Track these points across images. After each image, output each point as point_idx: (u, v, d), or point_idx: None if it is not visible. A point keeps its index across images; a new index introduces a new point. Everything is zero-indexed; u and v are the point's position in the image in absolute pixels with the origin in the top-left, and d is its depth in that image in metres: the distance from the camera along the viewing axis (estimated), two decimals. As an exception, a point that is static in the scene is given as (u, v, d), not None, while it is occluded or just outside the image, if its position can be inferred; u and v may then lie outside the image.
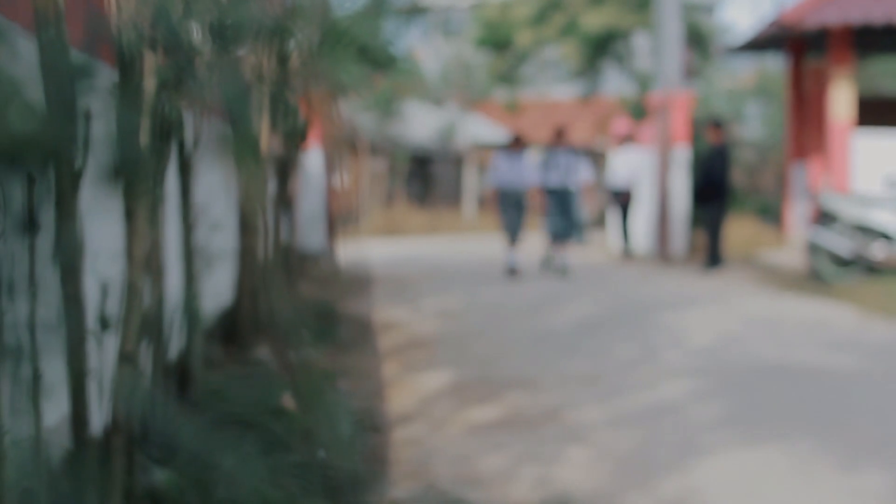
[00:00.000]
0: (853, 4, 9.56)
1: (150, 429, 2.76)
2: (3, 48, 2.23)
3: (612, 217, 12.98)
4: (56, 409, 2.39)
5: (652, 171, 12.04)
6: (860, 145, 9.86)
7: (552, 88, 20.71)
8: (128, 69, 2.44)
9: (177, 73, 2.61)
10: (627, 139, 12.81)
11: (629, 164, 12.39)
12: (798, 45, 11.82)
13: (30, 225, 2.07)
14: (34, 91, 2.11)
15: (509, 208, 9.89)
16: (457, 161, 23.08)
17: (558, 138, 10.25)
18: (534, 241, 11.99)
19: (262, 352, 4.84)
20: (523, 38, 17.37)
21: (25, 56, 2.21)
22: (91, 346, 2.26)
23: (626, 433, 3.76)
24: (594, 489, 3.07)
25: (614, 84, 20.83)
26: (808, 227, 9.12)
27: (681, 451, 3.47)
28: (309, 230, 10.05)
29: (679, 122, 11.68)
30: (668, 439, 3.65)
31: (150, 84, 2.43)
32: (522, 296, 8.29)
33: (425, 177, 23.93)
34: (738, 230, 12.83)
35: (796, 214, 11.05)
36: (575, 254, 10.91)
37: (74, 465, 2.26)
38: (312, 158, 10.31)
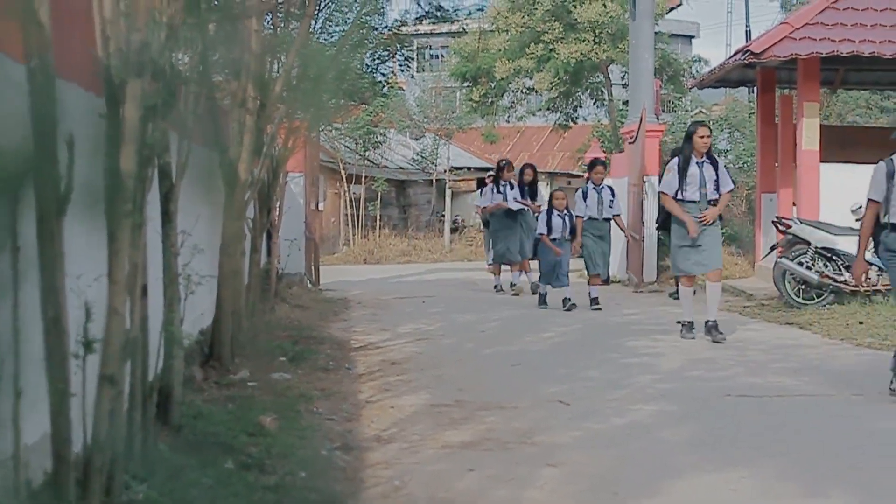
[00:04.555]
0: (820, 36, 9.85)
1: (130, 448, 2.79)
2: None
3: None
4: (37, 428, 2.43)
5: (624, 199, 12.20)
6: (828, 175, 10.11)
7: (529, 118, 20.95)
8: (113, 97, 2.51)
9: (161, 101, 2.68)
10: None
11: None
12: (767, 77, 12.12)
13: (13, 246, 2.12)
14: (22, 118, 2.18)
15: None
16: (435, 189, 23.20)
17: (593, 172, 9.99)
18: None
19: (241, 373, 4.87)
20: (501, 68, 17.60)
21: (14, 84, 2.27)
22: (72, 367, 2.30)
23: (597, 455, 3.83)
24: (566, 509, 3.13)
25: (590, 114, 21.13)
26: (776, 254, 9.30)
27: (651, 473, 3.54)
28: (288, 254, 10.08)
29: (650, 153, 11.89)
30: (639, 462, 3.72)
31: (134, 111, 2.49)
32: (496, 320, 8.37)
33: (403, 204, 24.02)
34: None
35: (766, 242, 11.25)
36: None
37: (54, 483, 2.29)
38: (293, 183, 10.39)
